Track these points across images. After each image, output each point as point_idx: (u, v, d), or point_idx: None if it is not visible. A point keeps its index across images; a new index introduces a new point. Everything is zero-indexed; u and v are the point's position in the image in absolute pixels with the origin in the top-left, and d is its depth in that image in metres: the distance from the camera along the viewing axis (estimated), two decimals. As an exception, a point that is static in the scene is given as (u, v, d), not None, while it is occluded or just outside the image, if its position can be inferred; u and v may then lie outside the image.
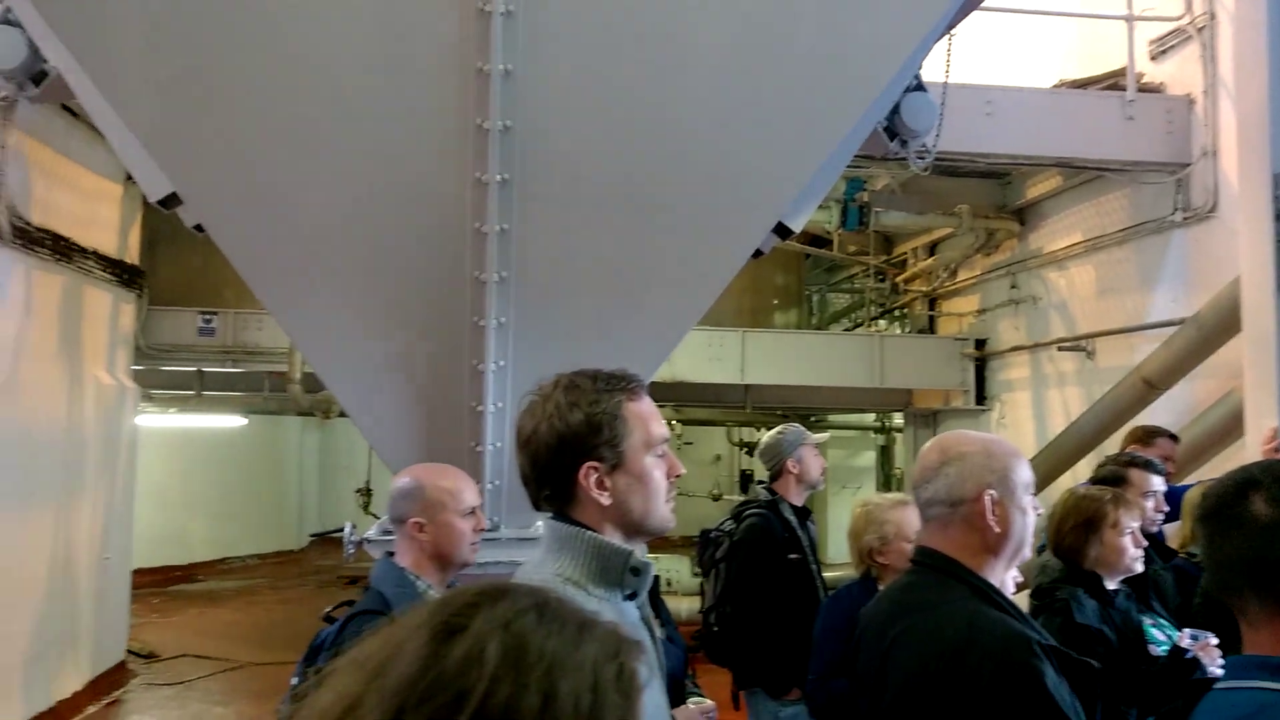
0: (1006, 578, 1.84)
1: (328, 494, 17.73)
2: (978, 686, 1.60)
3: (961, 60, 5.23)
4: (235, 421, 12.99)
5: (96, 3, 2.66)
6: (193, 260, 9.24)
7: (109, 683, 7.72)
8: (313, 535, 15.27)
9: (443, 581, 2.38)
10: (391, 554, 2.39)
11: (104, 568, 7.64)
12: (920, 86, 3.66)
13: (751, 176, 3.20)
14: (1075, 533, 2.90)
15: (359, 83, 2.92)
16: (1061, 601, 2.77)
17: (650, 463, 1.50)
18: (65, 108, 6.38)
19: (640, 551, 1.48)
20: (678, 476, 1.54)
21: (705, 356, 8.92)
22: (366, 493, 14.61)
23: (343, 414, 11.22)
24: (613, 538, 1.47)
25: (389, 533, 4.33)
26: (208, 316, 9.44)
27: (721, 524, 4.00)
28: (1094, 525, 2.88)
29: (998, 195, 8.75)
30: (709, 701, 2.45)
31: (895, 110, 3.62)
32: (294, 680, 2.28)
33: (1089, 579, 2.84)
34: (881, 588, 2.93)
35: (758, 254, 3.54)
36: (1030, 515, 1.83)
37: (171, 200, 3.24)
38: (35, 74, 3.24)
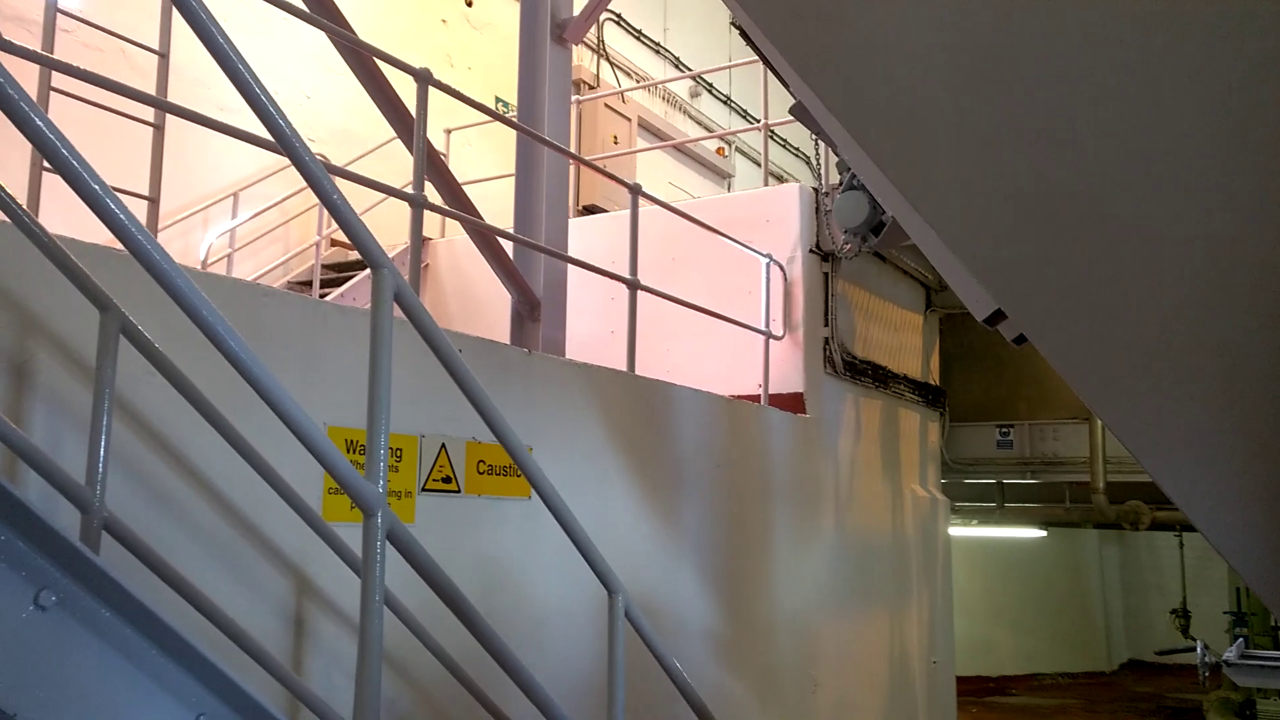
0: None
1: (1134, 613, 16.45)
2: None
3: None
4: (1033, 533, 12.94)
5: (928, 154, 2.99)
6: (985, 378, 9.63)
7: (944, 785, 8.09)
8: (1158, 652, 14.05)
9: None
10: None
11: (932, 671, 8.13)
12: None
13: None
14: None
15: (1194, 155, 2.76)
16: None
17: None
18: (875, 254, 7.30)
19: None
20: None
21: None
22: (1183, 614, 13.17)
23: (1152, 527, 10.44)
24: None
25: (1249, 657, 3.79)
26: (1005, 430, 9.69)
27: None
28: None
29: None
30: None
31: None
32: None
33: None
34: None
35: None
36: None
37: (995, 317, 3.42)
38: (874, 226, 3.78)
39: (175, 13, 5.14)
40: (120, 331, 2.48)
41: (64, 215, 3.01)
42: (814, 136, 4.49)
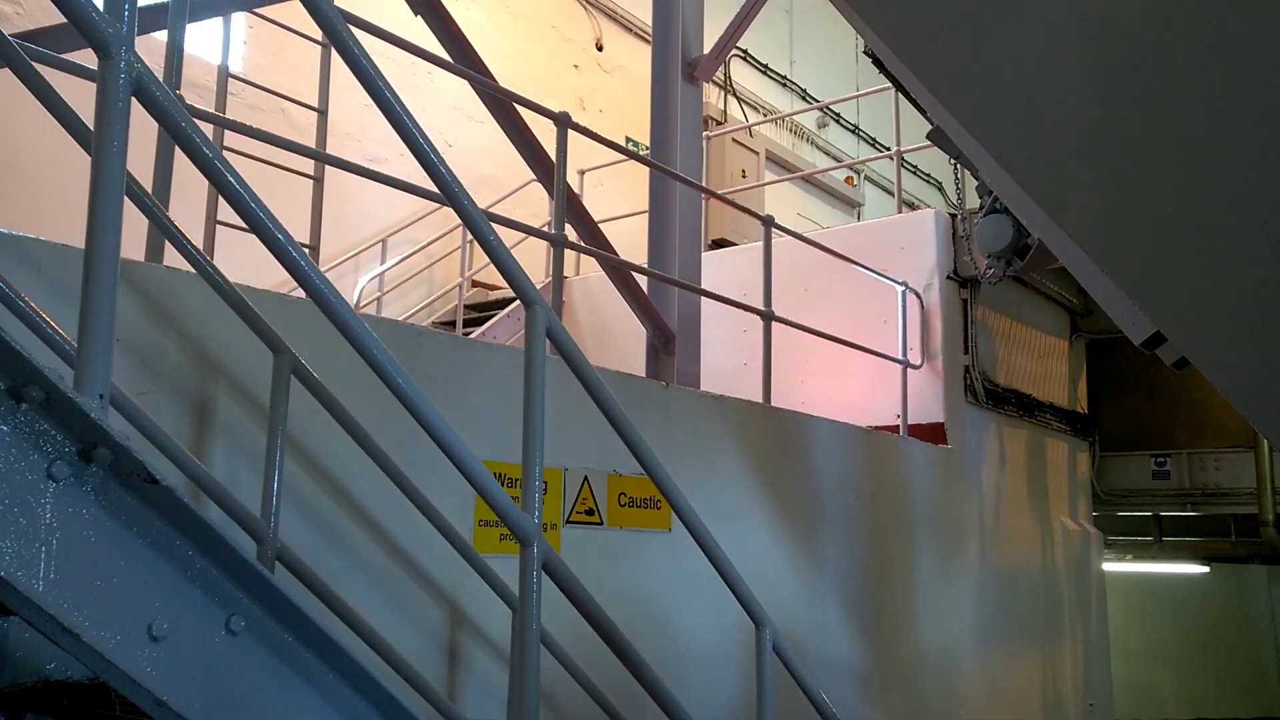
0: None
1: (1314, 656, 15.18)
2: None
3: None
4: (1194, 569, 12.13)
5: (1076, 175, 2.90)
6: (1138, 405, 9.15)
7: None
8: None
9: None
10: None
11: (1089, 713, 7.71)
12: None
13: None
14: None
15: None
16: None
17: None
18: (1015, 279, 7.07)
19: None
20: None
21: None
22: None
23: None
24: None
25: None
26: (1160, 459, 9.16)
27: None
28: None
29: None
30: None
31: None
32: None
33: None
34: None
35: None
36: None
37: (1154, 340, 3.27)
38: (1019, 249, 3.68)
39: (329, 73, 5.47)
40: (291, 372, 2.64)
41: (224, 265, 3.23)
42: (952, 161, 4.42)
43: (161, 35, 3.02)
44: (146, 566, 1.58)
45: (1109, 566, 9.67)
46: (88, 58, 2.57)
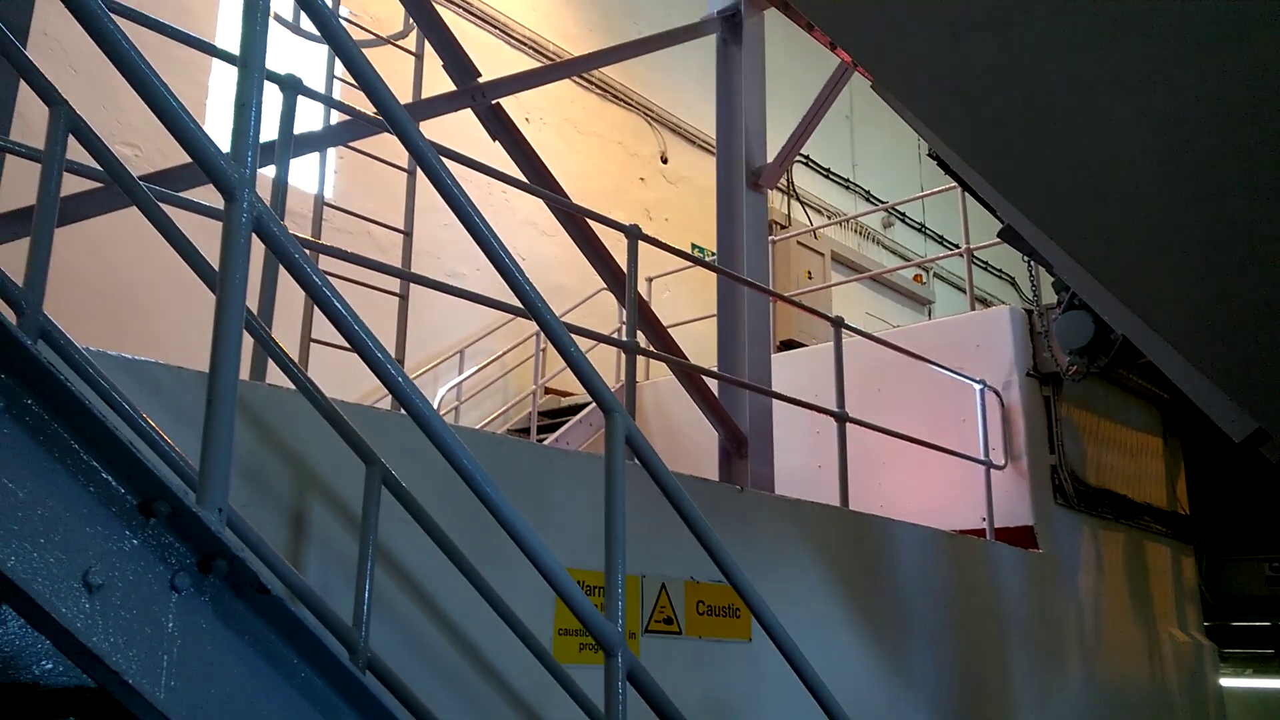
0: None
1: None
2: None
3: None
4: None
5: (1161, 272, 2.89)
6: (1246, 506, 8.73)
7: None
8: None
9: None
10: None
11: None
12: None
13: None
14: None
15: None
16: None
17: None
18: (1100, 374, 6.92)
19: None
20: None
21: None
22: None
23: None
24: None
25: None
26: (1276, 564, 8.68)
27: None
28: None
29: None
30: None
31: None
32: None
33: None
34: None
35: None
36: None
37: (1256, 438, 3.18)
38: (1102, 345, 3.64)
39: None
40: (382, 483, 2.72)
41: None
42: (1025, 258, 4.42)
43: (267, 171, 3.24)
44: (256, 674, 1.63)
45: (1227, 682, 9.07)
46: (201, 194, 2.77)
